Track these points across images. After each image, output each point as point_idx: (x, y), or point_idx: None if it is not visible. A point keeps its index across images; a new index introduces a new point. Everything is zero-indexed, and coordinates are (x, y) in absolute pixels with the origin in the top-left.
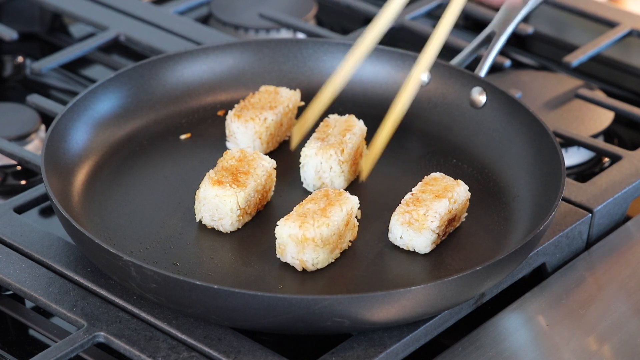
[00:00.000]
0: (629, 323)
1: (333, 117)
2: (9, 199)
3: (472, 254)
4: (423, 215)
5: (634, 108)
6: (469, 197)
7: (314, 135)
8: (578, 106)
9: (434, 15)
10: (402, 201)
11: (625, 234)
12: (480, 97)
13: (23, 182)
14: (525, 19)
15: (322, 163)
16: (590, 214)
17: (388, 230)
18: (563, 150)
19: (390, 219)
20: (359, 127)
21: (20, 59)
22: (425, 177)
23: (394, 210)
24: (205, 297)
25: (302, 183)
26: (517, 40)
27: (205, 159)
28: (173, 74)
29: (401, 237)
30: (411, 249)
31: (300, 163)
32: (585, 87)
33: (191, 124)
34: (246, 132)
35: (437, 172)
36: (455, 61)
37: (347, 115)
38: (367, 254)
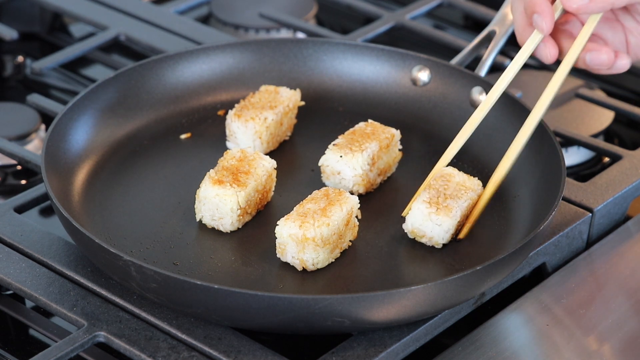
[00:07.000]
0: (629, 323)
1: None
2: (9, 199)
3: (472, 254)
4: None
5: (634, 108)
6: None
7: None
8: (578, 106)
9: (434, 15)
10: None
11: (625, 234)
12: (480, 97)
13: (23, 181)
14: None
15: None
16: (590, 214)
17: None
18: (563, 150)
19: (390, 219)
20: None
21: (20, 58)
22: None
23: (394, 209)
24: (206, 297)
25: (302, 183)
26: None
27: (205, 159)
28: (173, 74)
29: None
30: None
31: None
32: (585, 87)
33: (191, 124)
34: (246, 131)
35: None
36: (455, 61)
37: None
38: (367, 254)
